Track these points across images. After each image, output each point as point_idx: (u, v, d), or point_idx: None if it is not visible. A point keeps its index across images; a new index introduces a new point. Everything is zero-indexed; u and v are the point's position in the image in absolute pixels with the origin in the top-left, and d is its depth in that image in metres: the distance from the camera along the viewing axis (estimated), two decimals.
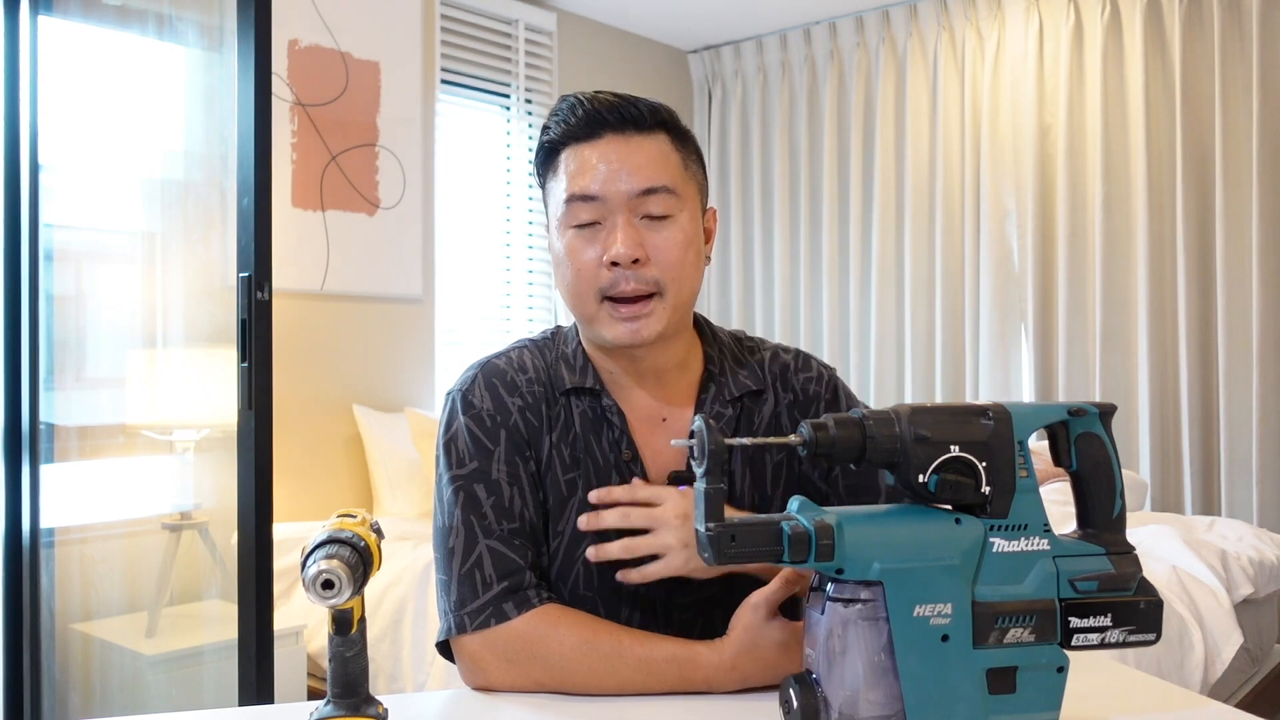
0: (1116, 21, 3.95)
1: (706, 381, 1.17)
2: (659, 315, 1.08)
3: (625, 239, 1.06)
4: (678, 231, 1.09)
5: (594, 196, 1.08)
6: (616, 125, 1.09)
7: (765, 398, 1.19)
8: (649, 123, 1.10)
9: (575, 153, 1.10)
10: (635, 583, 1.07)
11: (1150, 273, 3.82)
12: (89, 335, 2.62)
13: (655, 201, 1.08)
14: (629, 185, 1.07)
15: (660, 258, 1.08)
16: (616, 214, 1.07)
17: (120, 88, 2.59)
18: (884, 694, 0.81)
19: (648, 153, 1.09)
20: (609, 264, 1.07)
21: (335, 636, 0.87)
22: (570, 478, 1.13)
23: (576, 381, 1.14)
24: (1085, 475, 0.89)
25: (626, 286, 1.07)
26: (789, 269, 4.81)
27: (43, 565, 2.47)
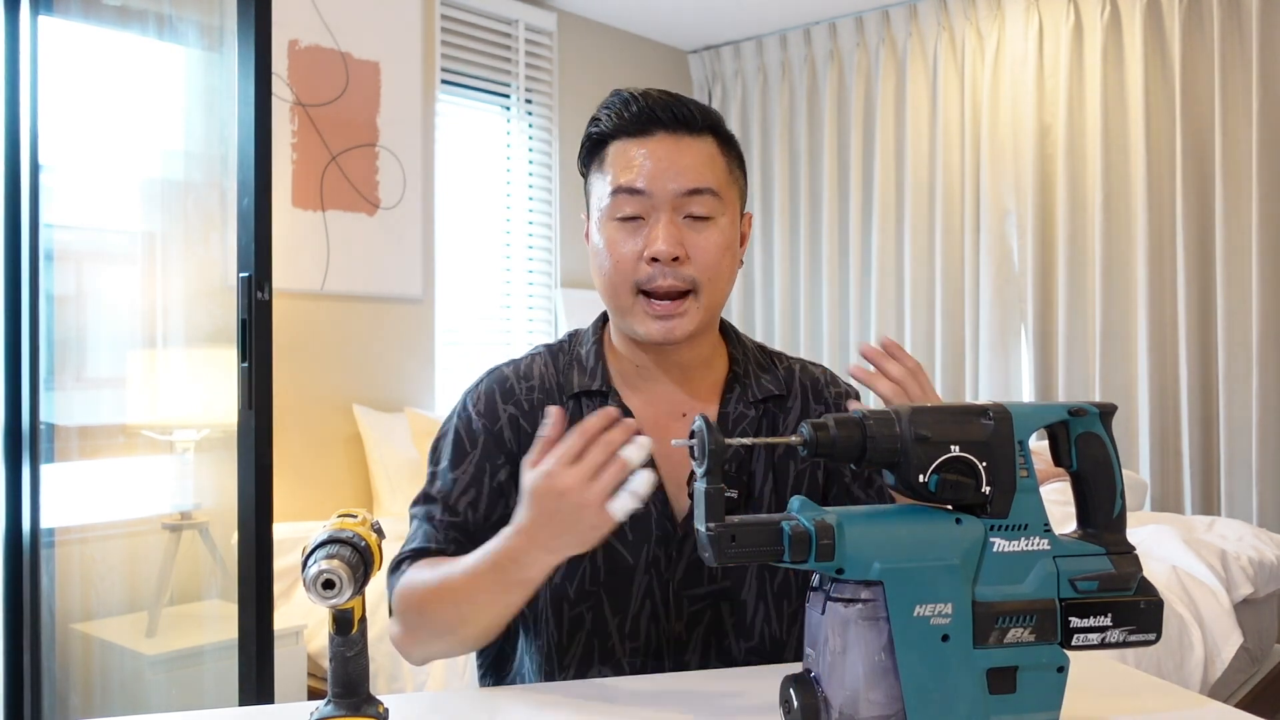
0: (1116, 21, 3.95)
1: (731, 381, 1.19)
2: (692, 315, 1.10)
3: (667, 236, 1.08)
4: (718, 234, 1.10)
5: (640, 191, 1.09)
6: (669, 124, 1.10)
7: (790, 405, 1.20)
8: (699, 125, 1.12)
9: (624, 147, 1.11)
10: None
11: (1150, 273, 3.82)
12: (89, 335, 2.62)
13: (699, 202, 1.09)
14: (676, 184, 1.09)
15: (699, 258, 1.09)
16: (660, 211, 1.09)
17: (120, 88, 2.59)
18: (884, 694, 0.81)
19: (696, 154, 1.10)
20: (649, 259, 1.08)
21: (336, 636, 0.87)
22: None
23: (585, 384, 1.16)
24: (1085, 475, 0.89)
25: (663, 282, 1.08)
26: (789, 269, 4.81)
27: (43, 565, 2.47)
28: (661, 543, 1.13)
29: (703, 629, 1.12)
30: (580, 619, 1.12)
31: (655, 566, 1.13)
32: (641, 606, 1.12)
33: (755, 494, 1.16)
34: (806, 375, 1.23)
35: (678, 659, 1.13)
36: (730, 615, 1.12)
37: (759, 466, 1.17)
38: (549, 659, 1.14)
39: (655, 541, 1.13)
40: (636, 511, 1.12)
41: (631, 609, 1.12)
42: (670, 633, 1.13)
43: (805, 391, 1.21)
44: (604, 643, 1.12)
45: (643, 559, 1.12)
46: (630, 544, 1.13)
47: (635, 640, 1.12)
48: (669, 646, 1.13)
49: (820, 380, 1.23)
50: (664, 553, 1.13)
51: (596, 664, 1.13)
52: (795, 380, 1.22)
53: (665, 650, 1.13)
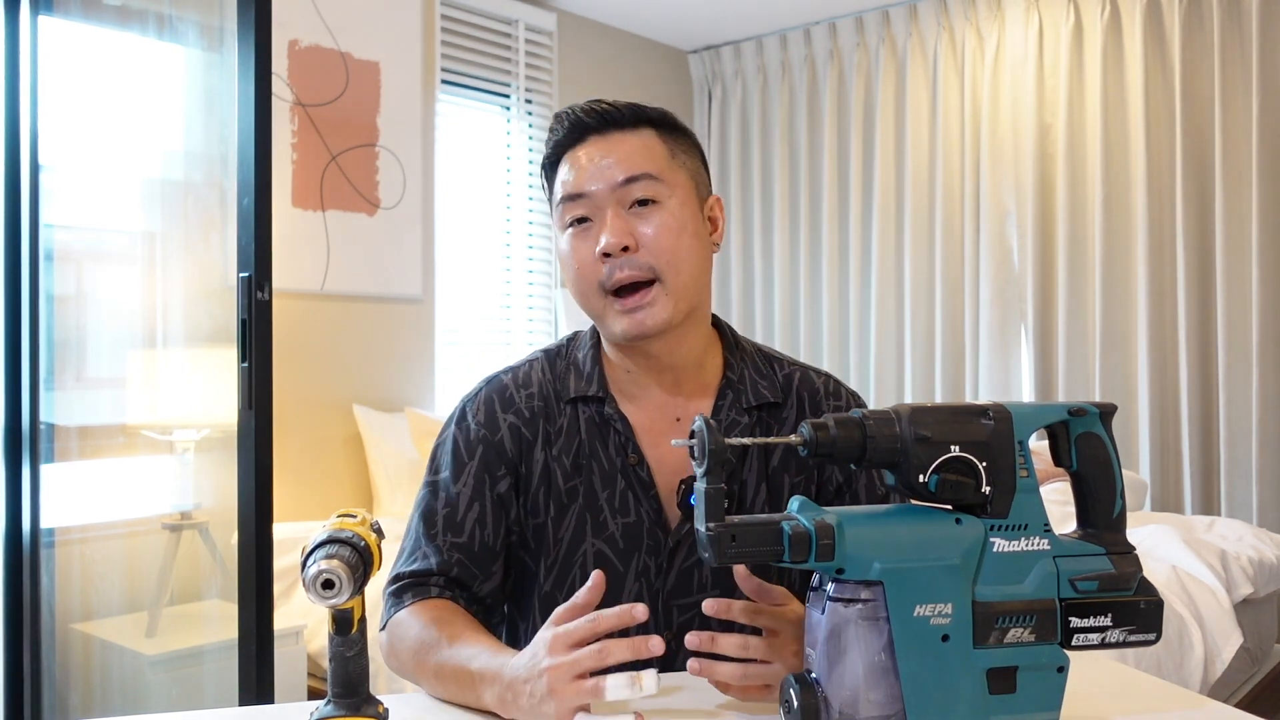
0: (1116, 21, 3.95)
1: (725, 387, 1.17)
2: (661, 303, 1.09)
3: (613, 228, 1.08)
4: (667, 217, 1.10)
5: (581, 194, 1.11)
6: (596, 127, 1.13)
7: (785, 413, 1.18)
8: (628, 120, 1.13)
9: (566, 159, 1.14)
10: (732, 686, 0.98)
11: (1150, 273, 3.82)
12: (89, 335, 2.62)
13: (639, 188, 1.10)
14: (610, 176, 1.10)
15: (651, 243, 1.09)
16: (605, 208, 1.10)
17: (120, 88, 2.59)
18: (884, 694, 0.81)
19: (629, 145, 1.12)
20: (601, 256, 1.09)
21: (335, 636, 0.87)
22: (571, 485, 1.14)
23: (581, 390, 1.16)
24: (1085, 475, 0.89)
25: (621, 274, 1.08)
26: (789, 269, 4.81)
27: (43, 565, 2.47)
28: (652, 552, 1.13)
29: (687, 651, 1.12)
30: None
31: (645, 576, 1.13)
32: None
33: (748, 504, 1.15)
34: (805, 384, 1.21)
35: (666, 669, 1.12)
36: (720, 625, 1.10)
37: (751, 476, 1.16)
38: None
39: (646, 551, 1.13)
40: (628, 521, 1.12)
41: None
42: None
43: (802, 402, 1.19)
44: None
45: (633, 568, 1.12)
46: (621, 552, 1.12)
47: None
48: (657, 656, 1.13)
49: (820, 391, 1.21)
50: (654, 562, 1.13)
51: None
52: (793, 388, 1.20)
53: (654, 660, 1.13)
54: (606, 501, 1.13)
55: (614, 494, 1.13)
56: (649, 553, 1.12)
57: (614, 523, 1.13)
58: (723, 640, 0.95)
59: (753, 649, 0.95)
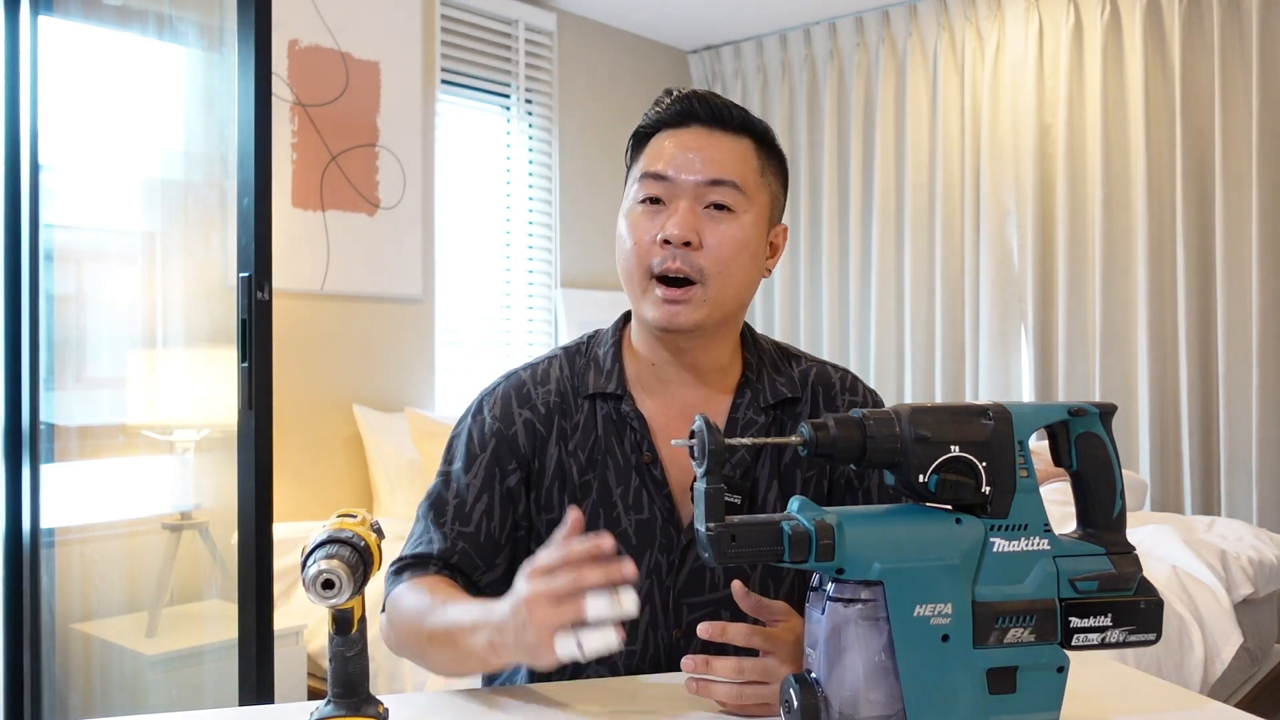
0: (1116, 21, 3.95)
1: (743, 386, 1.18)
2: (696, 304, 1.10)
3: (681, 221, 1.08)
4: (736, 228, 1.10)
5: (664, 177, 1.11)
6: (704, 119, 1.12)
7: (801, 408, 1.19)
8: (735, 123, 1.13)
9: (661, 138, 1.14)
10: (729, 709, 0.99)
11: (1150, 273, 3.82)
12: (89, 335, 2.62)
13: (721, 193, 1.10)
14: (700, 172, 1.10)
15: (712, 247, 1.09)
16: (681, 198, 1.10)
17: (120, 88, 2.59)
18: (884, 694, 0.81)
19: (726, 148, 1.12)
20: (661, 241, 1.09)
21: (336, 636, 0.87)
22: (585, 480, 1.15)
23: (600, 386, 1.17)
24: (1085, 475, 0.89)
25: (673, 264, 1.09)
26: (789, 269, 4.81)
27: (43, 565, 2.47)
28: (665, 549, 1.13)
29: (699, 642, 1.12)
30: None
31: (657, 573, 1.13)
32: (640, 612, 1.11)
33: (760, 500, 1.15)
34: (821, 378, 1.22)
35: (673, 665, 1.13)
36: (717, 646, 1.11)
37: (764, 473, 1.16)
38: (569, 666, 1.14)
39: (659, 548, 1.13)
40: (641, 518, 1.13)
41: None
42: (668, 640, 1.13)
43: (817, 396, 1.20)
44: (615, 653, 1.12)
45: (645, 564, 1.12)
46: (634, 549, 1.13)
47: (632, 644, 1.13)
48: (665, 653, 1.13)
49: (835, 385, 1.21)
50: (666, 560, 1.13)
51: (594, 665, 1.13)
52: (809, 383, 1.21)
53: (661, 656, 1.13)
54: (620, 498, 1.14)
55: (628, 490, 1.14)
56: (661, 550, 1.13)
57: (627, 519, 1.13)
58: (717, 663, 0.96)
59: (748, 671, 0.96)
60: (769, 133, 1.16)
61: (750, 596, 1.00)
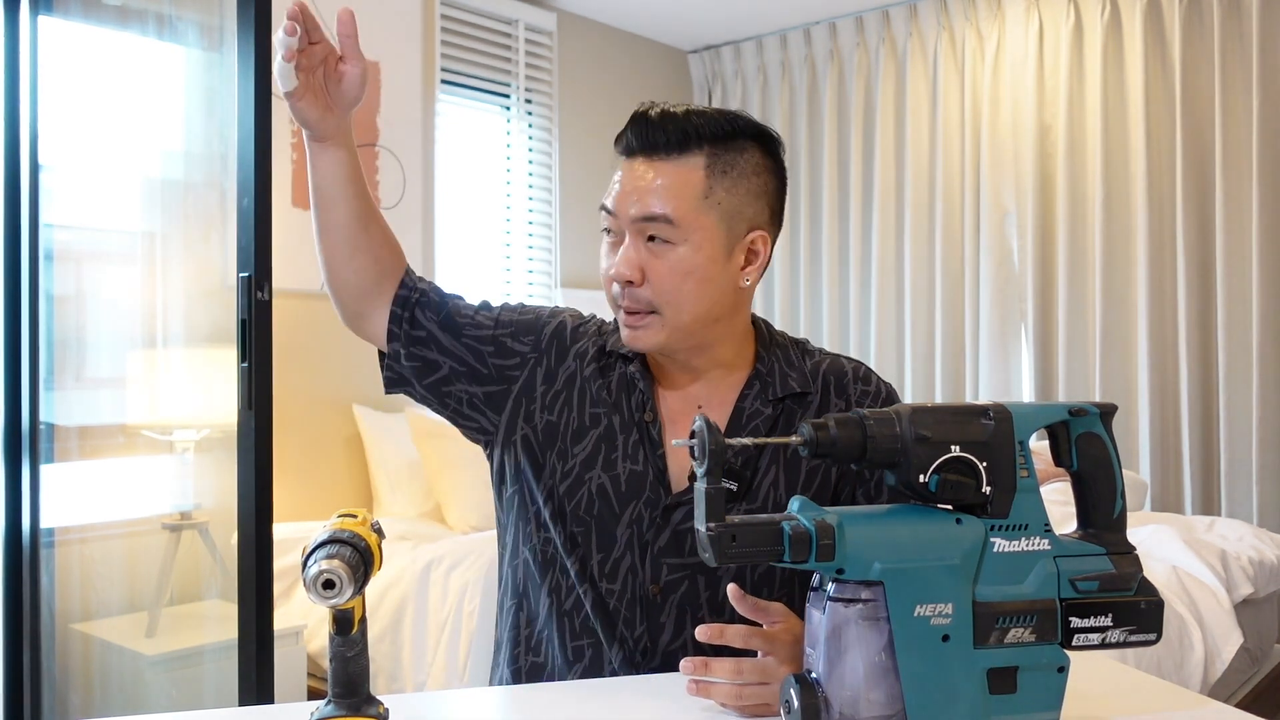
0: (1116, 21, 3.95)
1: (752, 379, 1.20)
2: (654, 330, 1.13)
3: (624, 259, 1.12)
4: (675, 260, 1.11)
5: (609, 210, 1.15)
6: (641, 148, 1.14)
7: (811, 400, 1.20)
8: (675, 145, 1.11)
9: (621, 164, 1.18)
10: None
11: (1150, 273, 3.82)
12: (89, 335, 2.62)
13: (654, 227, 1.12)
14: (634, 209, 1.12)
15: (655, 282, 1.12)
16: (626, 232, 1.13)
17: (120, 88, 2.59)
18: (885, 694, 0.81)
19: (667, 177, 1.11)
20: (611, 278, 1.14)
21: (336, 636, 0.87)
22: (596, 412, 1.20)
23: (617, 346, 1.23)
24: (1086, 475, 0.89)
25: (624, 303, 1.14)
26: (789, 269, 4.81)
27: (43, 565, 2.47)
28: (649, 505, 1.16)
29: (677, 597, 1.16)
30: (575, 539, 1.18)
31: (638, 524, 1.16)
32: (622, 555, 1.16)
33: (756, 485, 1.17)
34: (833, 369, 1.22)
35: (653, 618, 1.16)
36: (705, 589, 1.15)
37: (764, 459, 1.18)
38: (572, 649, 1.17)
39: (644, 502, 1.16)
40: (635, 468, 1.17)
41: (614, 553, 1.16)
42: (645, 591, 1.16)
43: (828, 387, 1.20)
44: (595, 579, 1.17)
45: (628, 514, 1.16)
46: (622, 495, 1.17)
47: (614, 583, 1.16)
48: (644, 603, 1.16)
49: (847, 375, 1.21)
50: (649, 515, 1.16)
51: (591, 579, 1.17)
52: (819, 375, 1.21)
53: (640, 604, 1.16)
54: (621, 445, 1.18)
55: (629, 440, 1.18)
56: (646, 504, 1.16)
57: (622, 465, 1.17)
58: (715, 665, 0.98)
59: (747, 672, 0.97)
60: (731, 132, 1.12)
61: (747, 599, 1.00)
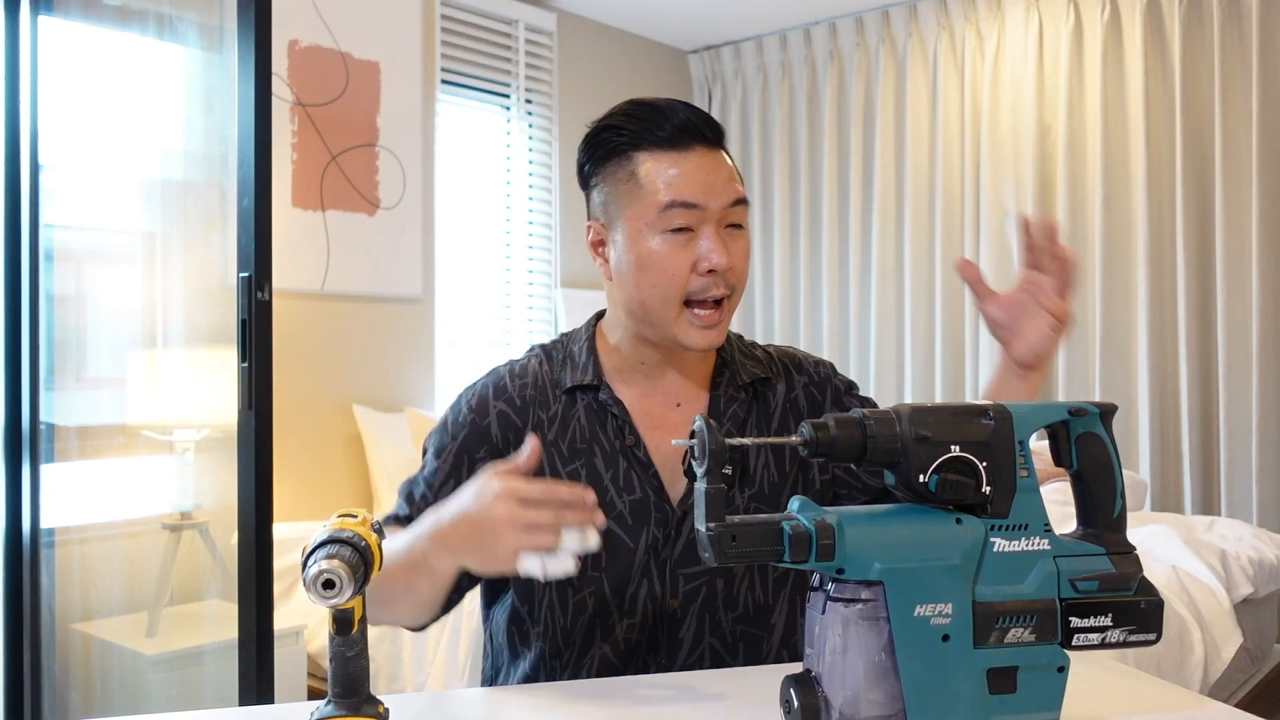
0: (1116, 21, 3.95)
1: (720, 368, 1.25)
2: (726, 319, 1.18)
3: (721, 248, 1.13)
4: (746, 243, 1.19)
5: (694, 205, 1.13)
6: (710, 141, 1.16)
7: (776, 383, 1.27)
8: (724, 139, 1.19)
9: (666, 160, 1.14)
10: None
11: (1150, 273, 3.82)
12: (89, 335, 2.62)
13: (739, 213, 1.16)
14: (724, 197, 1.14)
15: (738, 265, 1.16)
16: (709, 224, 1.14)
17: (120, 88, 2.59)
18: (885, 694, 0.81)
19: (729, 168, 1.17)
20: (705, 270, 1.13)
21: (336, 636, 0.87)
22: (571, 469, 1.19)
23: (577, 379, 1.21)
24: (1086, 475, 0.89)
25: (717, 291, 1.14)
26: (789, 269, 4.81)
27: (43, 565, 2.47)
28: (660, 524, 1.17)
29: (697, 605, 1.17)
30: (584, 603, 1.16)
31: (654, 547, 1.17)
32: (639, 585, 1.16)
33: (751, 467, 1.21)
34: (784, 355, 1.31)
35: (671, 634, 1.16)
36: (723, 590, 1.17)
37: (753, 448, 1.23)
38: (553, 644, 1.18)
39: (654, 524, 1.17)
40: (634, 498, 1.17)
41: (630, 588, 1.16)
42: (666, 609, 1.16)
43: (787, 369, 1.28)
44: (605, 620, 1.16)
45: (643, 541, 1.16)
46: (630, 528, 1.17)
47: (633, 616, 1.16)
48: (664, 621, 1.16)
49: (797, 357, 1.31)
50: (662, 534, 1.17)
51: (598, 640, 1.16)
52: (775, 360, 1.29)
53: (660, 624, 1.17)
54: (611, 482, 1.18)
55: (618, 474, 1.18)
56: (657, 525, 1.17)
57: (620, 501, 1.17)
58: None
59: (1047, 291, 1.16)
60: None
61: (972, 266, 1.19)
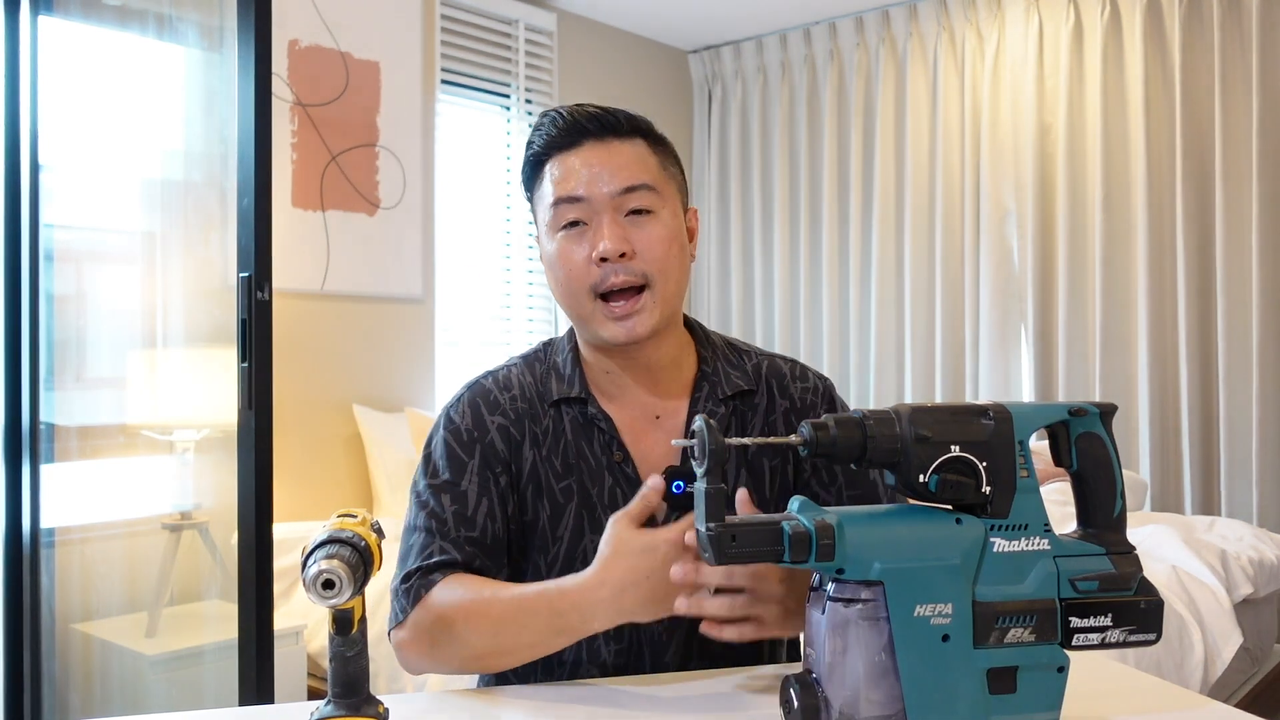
0: (1116, 21, 3.95)
1: (700, 380, 1.21)
2: (649, 310, 1.12)
3: (611, 234, 1.11)
4: (660, 227, 1.13)
5: (579, 198, 1.12)
6: (596, 133, 1.14)
7: (757, 400, 1.22)
8: (626, 129, 1.15)
9: (559, 161, 1.15)
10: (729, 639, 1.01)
11: (1150, 273, 3.82)
12: (89, 335, 2.62)
13: (637, 198, 1.12)
14: (611, 185, 1.12)
15: (646, 251, 1.12)
16: (601, 213, 1.12)
17: (120, 88, 2.59)
18: (885, 694, 0.81)
19: (626, 155, 1.14)
20: (598, 260, 1.11)
21: (336, 636, 0.87)
22: (565, 485, 1.17)
23: (564, 392, 1.19)
24: (1086, 475, 0.89)
25: (616, 280, 1.11)
26: (789, 269, 4.81)
27: (43, 565, 2.47)
28: None
29: (682, 632, 1.15)
30: None
31: None
32: None
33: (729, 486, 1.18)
34: (773, 370, 1.25)
35: (657, 660, 1.15)
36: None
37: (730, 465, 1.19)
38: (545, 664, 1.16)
39: None
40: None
41: None
42: (650, 635, 1.15)
43: (771, 388, 1.23)
44: (590, 643, 1.15)
45: None
46: None
47: (620, 642, 1.15)
48: (649, 647, 1.15)
49: (786, 375, 1.25)
50: None
51: (585, 664, 1.16)
52: (762, 375, 1.24)
53: (645, 651, 1.15)
54: (598, 498, 1.16)
55: (604, 490, 1.16)
56: None
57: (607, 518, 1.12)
58: (707, 571, 0.97)
59: (739, 608, 0.98)
60: (653, 128, 1.19)
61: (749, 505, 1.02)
